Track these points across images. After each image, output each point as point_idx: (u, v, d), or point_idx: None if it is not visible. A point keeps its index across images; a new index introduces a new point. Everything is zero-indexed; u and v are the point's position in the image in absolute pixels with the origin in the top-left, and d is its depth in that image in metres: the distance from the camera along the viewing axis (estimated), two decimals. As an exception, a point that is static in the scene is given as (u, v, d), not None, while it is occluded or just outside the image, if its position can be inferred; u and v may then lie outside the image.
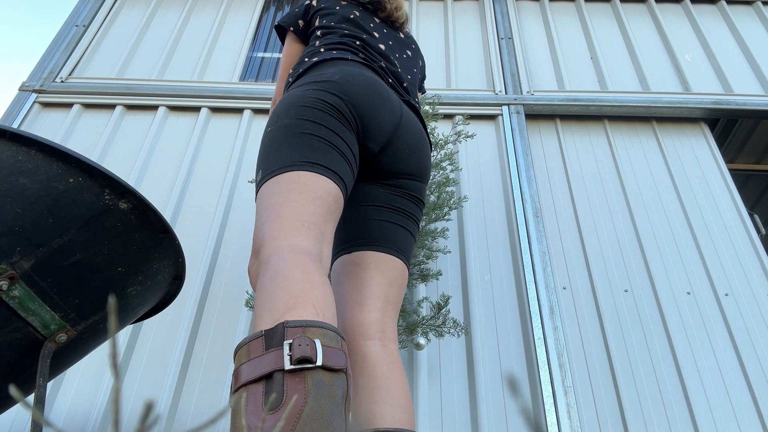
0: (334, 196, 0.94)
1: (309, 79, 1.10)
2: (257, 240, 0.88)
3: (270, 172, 0.95)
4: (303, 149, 0.96)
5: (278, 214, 0.87)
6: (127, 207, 0.95)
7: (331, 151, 0.98)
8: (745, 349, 2.19)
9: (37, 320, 0.89)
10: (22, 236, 0.85)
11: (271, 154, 0.98)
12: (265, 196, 0.92)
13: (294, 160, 0.94)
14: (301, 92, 1.06)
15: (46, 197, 0.87)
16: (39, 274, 0.87)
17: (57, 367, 1.01)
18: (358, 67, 1.14)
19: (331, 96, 1.03)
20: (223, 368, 2.10)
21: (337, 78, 1.07)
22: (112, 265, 0.96)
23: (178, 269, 1.13)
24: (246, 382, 0.64)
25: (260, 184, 0.96)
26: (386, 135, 1.10)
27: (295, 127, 0.99)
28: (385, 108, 1.10)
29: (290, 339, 0.66)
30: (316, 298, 0.73)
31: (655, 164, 2.82)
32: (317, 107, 1.01)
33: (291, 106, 1.03)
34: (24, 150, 0.87)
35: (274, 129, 1.02)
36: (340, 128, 1.01)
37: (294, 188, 0.90)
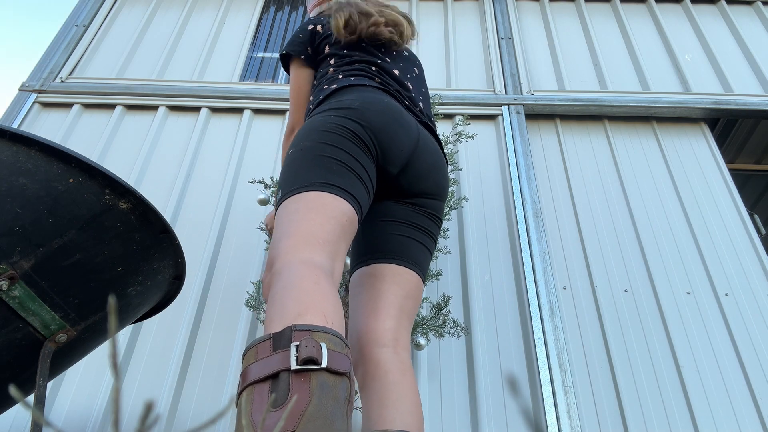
0: (348, 216, 0.98)
1: (330, 105, 1.14)
2: (272, 254, 0.91)
3: (290, 191, 1.00)
4: (322, 170, 1.00)
5: (294, 231, 0.91)
6: (127, 207, 0.95)
7: (349, 174, 1.02)
8: (745, 349, 2.19)
9: (37, 320, 0.89)
10: (22, 236, 0.85)
11: (292, 174, 1.02)
12: (284, 214, 0.97)
13: (313, 180, 0.98)
14: (321, 118, 1.10)
15: (46, 197, 0.87)
16: (39, 274, 0.87)
17: (57, 367, 1.01)
18: (375, 93, 1.19)
19: (350, 122, 1.08)
20: (223, 368, 2.10)
21: (357, 105, 1.11)
22: (112, 265, 0.96)
23: (178, 269, 1.13)
24: (253, 381, 0.67)
25: (280, 202, 1.01)
26: (404, 157, 1.14)
27: (316, 149, 1.03)
28: (403, 131, 1.14)
29: (297, 341, 0.68)
30: (326, 307, 0.76)
31: (655, 164, 2.82)
32: (337, 132, 1.06)
33: (312, 130, 1.08)
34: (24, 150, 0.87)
35: (296, 150, 1.06)
36: (358, 153, 1.05)
37: (311, 207, 0.94)
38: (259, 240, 2.47)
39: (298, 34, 1.46)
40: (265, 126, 2.95)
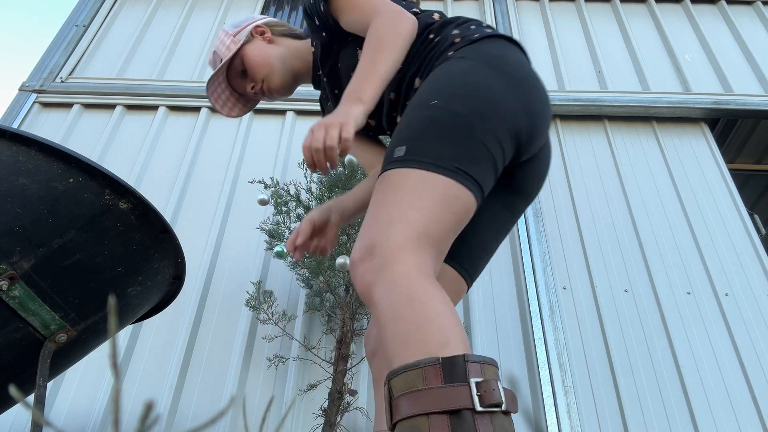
0: (470, 215, 0.86)
1: (494, 60, 0.94)
2: (378, 235, 0.77)
3: (423, 161, 0.82)
4: (465, 155, 0.83)
5: (413, 220, 0.78)
6: (127, 207, 0.95)
7: (491, 167, 0.87)
8: (745, 349, 2.19)
9: (37, 320, 0.89)
10: (22, 236, 0.85)
11: (432, 139, 0.84)
12: (405, 187, 0.81)
13: (455, 165, 0.82)
14: (486, 79, 0.90)
15: (46, 197, 0.87)
16: (39, 274, 0.87)
17: (57, 367, 1.01)
18: (527, 61, 1.01)
19: (515, 103, 0.90)
20: (223, 368, 2.10)
21: (522, 75, 0.94)
22: (112, 265, 0.96)
23: (178, 269, 1.14)
24: (431, 411, 0.62)
25: (402, 164, 0.84)
26: (537, 149, 1.00)
27: (467, 120, 0.85)
28: (549, 123, 1.01)
29: (475, 377, 0.63)
30: (462, 334, 0.69)
31: (655, 164, 2.82)
32: (499, 112, 0.88)
33: (470, 94, 0.88)
34: (24, 150, 0.87)
35: (442, 107, 0.87)
36: (507, 143, 0.89)
37: (442, 200, 0.80)
38: (259, 240, 2.47)
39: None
40: (265, 126, 2.95)
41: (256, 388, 2.05)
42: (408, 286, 0.71)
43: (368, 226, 0.81)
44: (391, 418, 0.67)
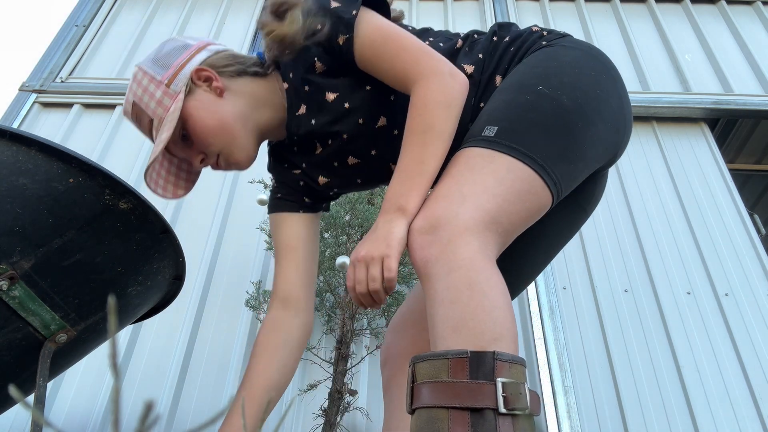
0: (540, 216, 0.80)
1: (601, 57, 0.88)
2: (446, 210, 0.72)
3: (513, 147, 0.76)
4: (562, 156, 0.78)
5: (487, 205, 0.72)
6: (127, 207, 0.95)
7: (579, 176, 0.82)
8: (745, 349, 2.19)
9: (37, 320, 0.89)
10: (22, 236, 0.85)
11: (529, 127, 0.78)
12: (487, 169, 0.75)
13: (546, 160, 0.76)
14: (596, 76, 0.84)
15: (46, 197, 0.87)
16: (39, 274, 0.87)
17: (57, 367, 1.01)
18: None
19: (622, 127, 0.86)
20: (223, 368, 2.10)
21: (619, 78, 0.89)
22: (112, 265, 0.96)
23: (178, 269, 1.14)
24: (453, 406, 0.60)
25: (491, 143, 0.77)
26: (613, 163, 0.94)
27: (575, 117, 0.79)
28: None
29: (502, 377, 0.61)
30: (515, 331, 0.67)
31: (655, 164, 2.82)
32: (609, 122, 0.82)
33: (582, 87, 0.81)
34: (24, 150, 0.87)
35: (549, 96, 0.80)
36: (604, 155, 0.85)
37: (521, 193, 0.75)
38: (259, 240, 2.47)
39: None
40: (265, 126, 2.95)
41: (256, 388, 2.05)
42: (470, 271, 0.67)
43: (437, 198, 0.75)
44: (411, 402, 0.65)
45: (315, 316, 2.23)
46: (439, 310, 0.67)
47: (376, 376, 2.07)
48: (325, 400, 1.76)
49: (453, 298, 0.66)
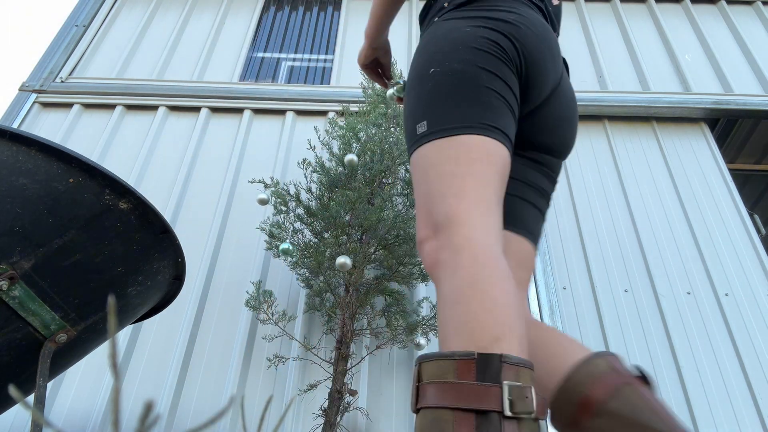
0: (508, 165, 0.83)
1: (478, 13, 0.93)
2: (437, 212, 0.77)
3: (443, 128, 0.82)
4: (480, 108, 0.82)
5: (463, 190, 0.76)
6: (127, 207, 0.95)
7: (506, 110, 0.85)
8: (745, 349, 2.19)
9: (37, 320, 0.89)
10: (22, 236, 0.85)
11: (442, 105, 0.84)
12: (441, 160, 0.80)
13: (473, 120, 0.81)
14: (469, 29, 0.89)
15: (46, 197, 0.87)
16: (39, 274, 0.87)
17: (57, 367, 1.01)
18: (532, 9, 0.97)
19: (504, 39, 0.88)
20: (223, 368, 2.10)
21: (513, 19, 0.91)
22: (112, 265, 0.96)
23: (178, 269, 1.14)
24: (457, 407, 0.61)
25: (427, 138, 0.83)
26: (544, 95, 0.95)
27: (470, 75, 0.85)
28: (554, 64, 0.95)
29: (508, 380, 0.61)
30: (520, 330, 0.67)
31: (655, 164, 2.82)
32: (492, 52, 0.86)
33: (460, 45, 0.87)
34: (24, 150, 0.87)
35: (441, 72, 0.87)
36: (512, 80, 0.88)
37: (476, 158, 0.79)
38: (259, 240, 2.47)
39: None
40: (265, 126, 2.95)
41: (256, 388, 2.05)
42: (472, 268, 0.69)
43: (422, 206, 0.80)
44: (416, 402, 0.66)
45: (315, 316, 2.23)
46: (445, 312, 0.69)
47: (376, 376, 2.07)
48: (325, 400, 1.76)
49: (456, 299, 0.68)
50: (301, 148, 2.85)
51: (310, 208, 2.02)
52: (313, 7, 3.82)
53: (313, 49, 3.51)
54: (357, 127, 2.21)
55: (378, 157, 2.06)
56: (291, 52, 3.51)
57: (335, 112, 2.97)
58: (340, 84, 3.17)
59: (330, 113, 2.97)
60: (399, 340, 1.93)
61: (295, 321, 2.19)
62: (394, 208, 2.09)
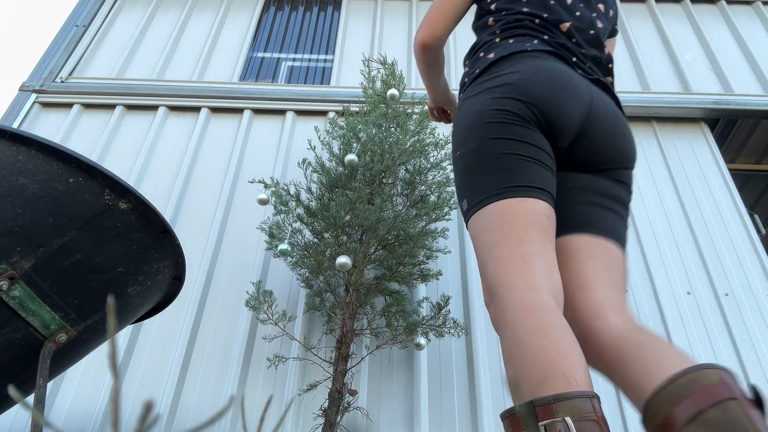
0: (546, 214, 0.90)
1: (486, 84, 1.03)
2: (486, 279, 0.89)
3: (475, 203, 0.94)
4: (500, 173, 0.92)
5: (498, 255, 0.87)
6: (127, 207, 0.95)
7: (529, 164, 0.93)
8: (745, 349, 2.19)
9: (37, 320, 0.89)
10: (22, 236, 0.85)
11: (471, 181, 0.96)
12: (479, 232, 0.93)
13: (496, 187, 0.92)
14: (480, 105, 1.00)
15: (46, 197, 0.87)
16: (39, 274, 0.87)
17: (57, 367, 1.01)
18: (538, 59, 1.03)
19: (511, 102, 0.97)
20: (223, 368, 2.10)
21: (516, 79, 0.99)
22: (112, 265, 0.96)
23: (178, 269, 1.14)
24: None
25: (468, 215, 0.97)
26: (575, 129, 1.00)
27: (487, 149, 0.95)
28: (572, 101, 1.00)
29: (543, 420, 0.69)
30: (565, 363, 0.72)
31: (655, 164, 2.82)
32: (500, 120, 0.96)
33: (475, 124, 0.99)
34: (24, 150, 0.87)
35: (465, 153, 0.99)
36: (529, 135, 0.95)
37: (503, 221, 0.88)
38: (259, 240, 2.47)
39: None
40: (265, 126, 2.95)
41: (256, 388, 2.05)
42: (515, 326, 0.78)
43: (480, 272, 0.93)
44: None
45: (315, 316, 2.23)
46: (506, 368, 0.79)
47: (376, 376, 2.07)
48: (325, 400, 1.76)
49: (507, 357, 0.78)
50: (301, 148, 2.85)
51: (310, 208, 2.02)
52: (313, 7, 3.82)
53: (313, 49, 3.51)
54: (357, 127, 2.21)
55: (378, 157, 2.06)
56: (291, 52, 3.51)
57: (335, 112, 2.97)
58: (340, 84, 3.17)
59: (330, 113, 2.97)
60: (399, 340, 1.93)
61: (295, 321, 2.19)
62: (394, 208, 2.09)
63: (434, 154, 2.27)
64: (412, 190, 2.18)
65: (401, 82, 2.41)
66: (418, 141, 2.20)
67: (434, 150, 2.26)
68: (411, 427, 1.94)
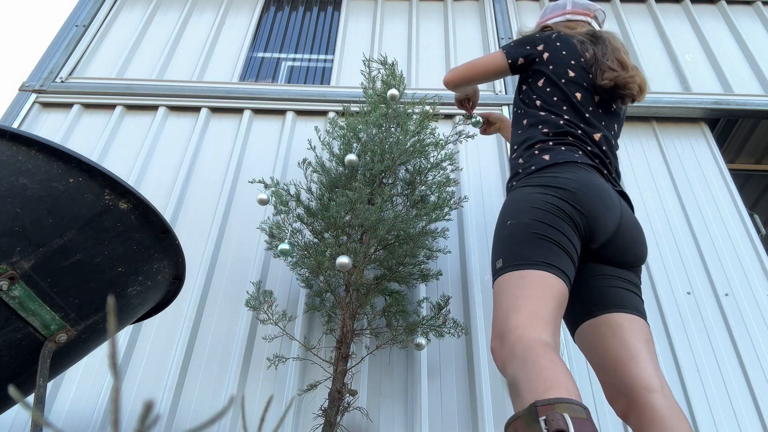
0: (564, 295, 1.11)
1: (545, 181, 1.26)
2: (501, 325, 1.06)
3: (514, 264, 1.14)
4: (542, 251, 1.13)
5: (522, 306, 1.04)
6: (127, 207, 0.95)
7: (564, 255, 1.15)
8: (745, 349, 2.19)
9: (37, 320, 0.89)
10: (22, 236, 0.85)
11: (514, 248, 1.16)
12: (510, 286, 1.11)
13: (536, 259, 1.12)
14: (540, 196, 1.22)
15: (46, 197, 0.87)
16: (39, 274, 0.87)
17: (57, 367, 1.01)
18: (587, 172, 1.29)
19: (567, 206, 1.21)
20: (223, 368, 2.10)
21: (573, 187, 1.23)
22: (112, 265, 0.96)
23: (178, 269, 1.13)
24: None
25: (502, 272, 1.16)
26: (607, 236, 1.27)
27: (536, 228, 1.17)
28: (610, 214, 1.26)
29: (543, 415, 0.80)
30: (567, 382, 0.88)
31: (655, 164, 2.82)
32: (555, 213, 1.19)
33: (531, 207, 1.21)
34: (24, 150, 0.87)
35: (516, 224, 1.20)
36: (570, 234, 1.19)
37: (536, 286, 1.08)
38: (259, 240, 2.47)
39: (523, 41, 1.59)
40: (265, 126, 2.95)
41: (256, 388, 2.05)
42: (524, 353, 0.95)
43: (494, 320, 1.10)
44: None
45: (315, 316, 2.23)
46: (511, 391, 0.94)
47: (376, 377, 2.07)
48: (325, 400, 1.76)
49: (516, 378, 0.93)
50: (301, 148, 2.85)
51: (310, 208, 2.02)
52: (313, 7, 3.82)
53: (313, 49, 3.51)
54: (357, 127, 2.21)
55: (378, 158, 2.06)
56: (291, 52, 3.51)
57: (335, 113, 2.97)
58: (340, 84, 3.17)
59: (330, 113, 2.97)
60: (399, 340, 1.93)
61: (295, 321, 2.19)
62: (395, 208, 2.09)
63: (434, 154, 2.27)
64: (412, 190, 2.18)
65: (401, 82, 2.41)
66: (418, 141, 2.20)
67: (434, 150, 2.26)
68: (411, 427, 1.94)
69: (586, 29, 1.62)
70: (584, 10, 1.73)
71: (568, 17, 1.71)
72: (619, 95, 1.47)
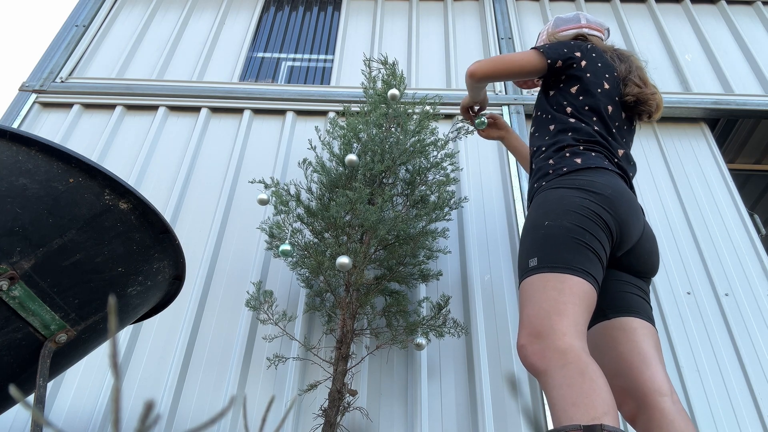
0: (594, 304, 1.13)
1: (582, 184, 1.27)
2: (540, 325, 1.06)
3: (552, 266, 1.14)
4: (581, 257, 1.15)
5: (565, 312, 1.06)
6: (127, 207, 0.95)
7: (598, 263, 1.17)
8: (745, 349, 2.19)
9: (37, 320, 0.89)
10: (22, 236, 0.85)
11: (552, 249, 1.16)
12: (548, 287, 1.11)
13: (575, 265, 1.13)
14: (578, 200, 1.23)
15: (46, 197, 0.87)
16: (39, 274, 0.87)
17: (57, 367, 1.01)
18: (617, 179, 1.31)
19: (605, 213, 1.22)
20: (223, 368, 2.10)
21: (610, 193, 1.24)
22: (113, 265, 0.96)
23: (178, 269, 1.13)
24: None
25: (537, 271, 1.15)
26: (632, 244, 1.31)
27: (576, 233, 1.17)
28: (638, 223, 1.29)
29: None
30: (616, 411, 0.92)
31: (655, 164, 2.82)
32: (593, 219, 1.20)
33: (570, 210, 1.21)
34: (24, 150, 0.87)
35: (554, 225, 1.20)
36: (605, 241, 1.20)
37: (575, 293, 1.09)
38: (259, 240, 2.47)
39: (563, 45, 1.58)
40: (265, 126, 2.95)
41: (256, 388, 2.05)
42: (579, 364, 0.97)
43: (530, 318, 1.10)
44: None
45: (315, 316, 2.23)
46: (558, 392, 0.95)
47: (376, 377, 2.07)
48: (325, 400, 1.76)
49: (569, 383, 0.94)
50: (301, 148, 2.85)
51: (310, 208, 2.02)
52: (313, 7, 3.82)
53: (313, 49, 3.51)
54: (358, 127, 2.21)
55: (378, 158, 2.06)
56: (291, 52, 3.51)
57: (335, 113, 2.97)
58: (340, 84, 3.17)
59: (330, 113, 2.97)
60: (399, 340, 1.93)
61: (295, 321, 2.19)
62: (395, 208, 2.09)
63: (434, 154, 2.27)
64: (412, 190, 2.18)
65: (402, 82, 2.41)
66: (418, 141, 2.20)
67: (434, 150, 2.26)
68: (411, 427, 1.94)
69: (610, 45, 1.66)
70: (598, 26, 1.75)
71: (585, 31, 1.72)
72: (638, 111, 1.52)
